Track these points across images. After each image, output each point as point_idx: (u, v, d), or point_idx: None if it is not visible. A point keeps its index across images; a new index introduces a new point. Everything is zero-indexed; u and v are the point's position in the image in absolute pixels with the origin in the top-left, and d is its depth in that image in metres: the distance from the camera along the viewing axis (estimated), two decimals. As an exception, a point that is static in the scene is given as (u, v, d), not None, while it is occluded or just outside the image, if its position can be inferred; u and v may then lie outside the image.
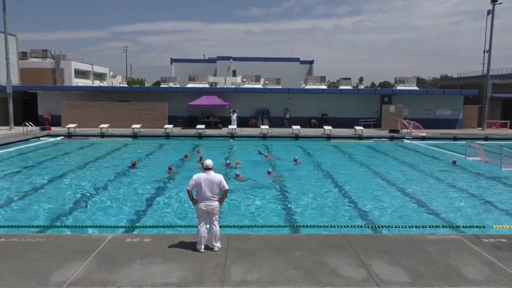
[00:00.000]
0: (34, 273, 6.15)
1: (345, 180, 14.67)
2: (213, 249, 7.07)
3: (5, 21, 28.63)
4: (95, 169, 16.23)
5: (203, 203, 7.05)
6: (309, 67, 53.77)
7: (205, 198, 7.03)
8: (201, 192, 7.03)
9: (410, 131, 28.67)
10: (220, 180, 7.11)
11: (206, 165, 7.23)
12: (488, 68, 33.35)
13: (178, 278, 6.06)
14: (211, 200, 7.04)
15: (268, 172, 14.96)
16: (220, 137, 27.56)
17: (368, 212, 10.78)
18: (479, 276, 6.24)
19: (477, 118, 34.33)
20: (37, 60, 46.45)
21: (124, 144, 24.08)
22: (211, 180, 7.05)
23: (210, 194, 7.02)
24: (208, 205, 7.03)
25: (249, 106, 33.67)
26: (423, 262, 6.73)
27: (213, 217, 7.10)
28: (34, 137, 25.51)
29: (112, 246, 7.26)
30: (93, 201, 11.56)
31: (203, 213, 7.10)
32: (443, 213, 10.69)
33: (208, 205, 7.03)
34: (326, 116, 33.71)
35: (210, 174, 7.12)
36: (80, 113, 30.74)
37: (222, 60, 49.93)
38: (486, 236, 8.08)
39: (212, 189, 7.03)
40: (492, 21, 33.05)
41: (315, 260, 6.74)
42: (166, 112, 31.10)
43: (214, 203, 7.07)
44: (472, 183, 14.43)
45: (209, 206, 7.04)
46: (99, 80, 54.65)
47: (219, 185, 7.09)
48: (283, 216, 10.42)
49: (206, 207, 7.04)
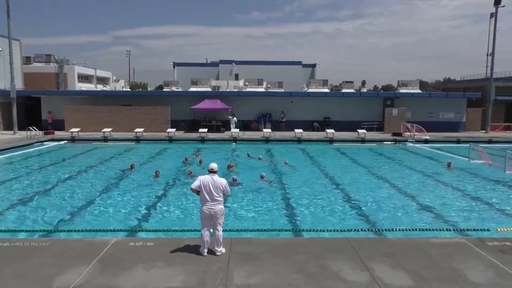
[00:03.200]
0: (37, 278, 6.16)
1: (347, 183, 14.63)
2: (215, 253, 7.07)
3: (8, 26, 28.82)
4: (99, 173, 16.26)
5: (206, 206, 7.05)
6: (311, 70, 53.78)
7: (208, 200, 7.04)
8: (205, 195, 7.04)
9: (413, 134, 28.60)
10: (224, 184, 7.15)
11: (211, 168, 7.25)
12: (492, 71, 33.28)
13: (181, 282, 6.05)
14: (214, 203, 7.04)
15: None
16: (222, 140, 27.58)
17: (371, 215, 10.74)
18: (483, 280, 6.20)
19: (480, 121, 34.21)
20: (40, 64, 46.69)
21: (127, 148, 24.12)
22: (215, 184, 7.07)
23: (213, 197, 7.03)
24: (211, 209, 7.03)
25: (252, 110, 33.71)
26: (427, 265, 6.70)
27: (216, 222, 7.10)
28: (37, 142, 25.60)
29: (115, 250, 7.27)
30: (97, 205, 11.57)
31: (206, 216, 7.09)
32: (447, 216, 10.65)
33: (211, 208, 7.03)
34: (329, 119, 33.68)
35: (214, 177, 7.14)
36: (83, 117, 30.83)
37: (224, 64, 50.03)
38: (491, 239, 8.04)
39: (216, 192, 7.04)
40: (495, 24, 33.02)
41: (318, 264, 6.72)
42: (169, 116, 31.16)
43: (217, 207, 7.06)
44: (475, 186, 14.37)
45: (212, 210, 7.03)
46: (102, 84, 54.84)
47: (223, 189, 7.12)
48: (284, 220, 10.40)
49: (209, 210, 7.04)
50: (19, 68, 34.97)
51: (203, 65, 57.16)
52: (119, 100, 33.44)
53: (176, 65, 51.98)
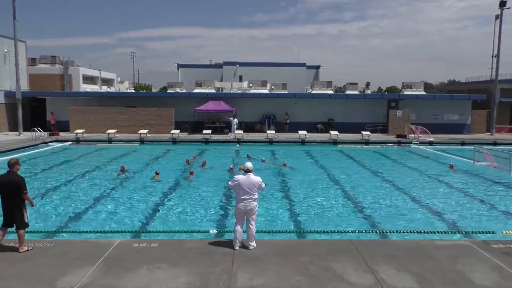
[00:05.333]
0: (41, 279, 6.19)
1: (351, 184, 14.61)
2: (248, 247, 7.39)
3: (14, 27, 29.00)
4: (104, 174, 16.31)
5: (242, 203, 7.42)
6: (315, 72, 53.77)
7: (245, 198, 7.40)
8: (241, 193, 7.41)
9: (418, 136, 28.51)
10: (259, 181, 7.56)
11: (246, 167, 7.65)
12: (497, 73, 33.14)
13: (184, 284, 6.06)
14: (250, 201, 7.42)
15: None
16: (226, 142, 27.61)
17: (375, 217, 10.71)
18: (488, 282, 6.17)
19: (485, 123, 34.05)
20: (46, 66, 46.93)
21: (131, 149, 24.20)
22: (251, 182, 7.46)
23: (249, 195, 7.42)
24: (247, 205, 7.41)
25: (255, 111, 33.74)
26: (431, 268, 6.66)
27: (250, 217, 7.50)
28: (42, 143, 25.72)
29: (119, 251, 7.29)
30: (102, 206, 11.61)
31: (241, 213, 7.47)
32: (451, 219, 10.59)
33: (246, 205, 7.41)
34: (333, 121, 33.64)
35: (250, 176, 7.52)
36: (88, 118, 30.98)
37: (228, 65, 50.09)
38: (496, 242, 7.99)
39: (252, 190, 7.43)
40: (500, 26, 32.91)
41: (321, 266, 6.71)
42: (173, 118, 31.25)
43: (253, 204, 7.45)
44: (480, 188, 14.30)
45: (248, 207, 7.41)
46: (106, 86, 55.05)
47: (259, 186, 7.51)
48: (288, 221, 10.39)
49: (245, 207, 7.41)
50: (24, 69, 35.15)
51: (207, 66, 57.27)
52: (124, 102, 33.58)
53: (180, 66, 52.13)
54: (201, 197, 12.59)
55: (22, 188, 7.20)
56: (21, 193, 7.18)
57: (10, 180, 7.17)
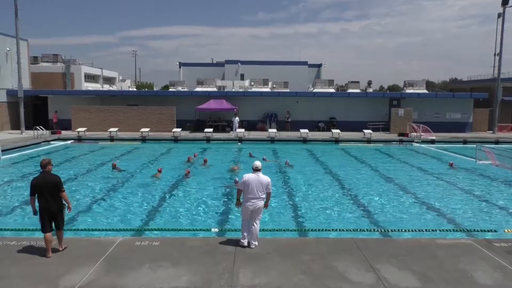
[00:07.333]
0: (43, 278, 6.20)
1: (353, 183, 14.60)
2: (250, 246, 7.39)
3: (16, 26, 29.04)
4: (106, 172, 16.33)
5: (249, 202, 7.41)
6: (317, 70, 53.68)
7: (252, 197, 7.40)
8: (249, 192, 7.39)
9: (420, 135, 28.45)
10: (268, 182, 7.53)
11: (255, 166, 7.63)
12: (499, 71, 33.06)
13: (186, 282, 6.06)
14: (258, 200, 7.41)
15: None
16: (228, 140, 27.61)
17: (377, 215, 10.70)
18: (490, 281, 6.15)
19: (487, 122, 33.97)
20: (47, 64, 46.91)
21: (133, 147, 24.22)
22: (260, 181, 7.45)
23: (257, 194, 7.40)
24: (254, 204, 7.40)
25: (257, 110, 33.73)
26: (433, 266, 6.66)
27: (256, 217, 7.49)
28: (44, 141, 25.77)
29: (121, 250, 7.29)
30: (104, 204, 11.62)
31: (248, 212, 7.46)
32: (453, 217, 10.57)
33: (254, 204, 7.40)
34: (334, 119, 33.61)
35: (259, 175, 7.51)
36: (90, 117, 31.03)
37: (230, 64, 50.05)
38: (498, 241, 7.98)
39: (260, 189, 7.42)
40: (502, 24, 32.81)
41: (324, 264, 6.70)
42: (175, 116, 31.27)
43: (260, 203, 7.45)
44: (482, 187, 14.27)
45: (255, 206, 7.41)
46: (108, 84, 55.05)
47: (266, 187, 7.48)
48: (290, 220, 10.38)
49: (252, 206, 7.40)
50: (26, 68, 35.19)
51: (208, 65, 57.20)
52: (126, 100, 33.62)
53: (182, 65, 52.11)
54: (202, 196, 12.60)
55: (60, 187, 7.21)
56: (59, 191, 7.18)
57: (47, 180, 7.16)
